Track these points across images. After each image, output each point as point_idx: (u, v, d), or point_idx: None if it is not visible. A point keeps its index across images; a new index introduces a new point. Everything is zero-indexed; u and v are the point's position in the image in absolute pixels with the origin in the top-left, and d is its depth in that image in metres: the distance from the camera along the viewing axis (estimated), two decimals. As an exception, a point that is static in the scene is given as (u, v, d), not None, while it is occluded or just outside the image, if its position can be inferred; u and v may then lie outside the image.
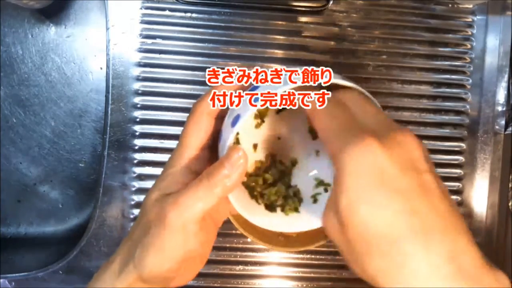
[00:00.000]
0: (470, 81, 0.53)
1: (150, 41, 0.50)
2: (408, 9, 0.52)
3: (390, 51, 0.52)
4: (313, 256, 0.51)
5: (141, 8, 0.50)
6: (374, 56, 0.52)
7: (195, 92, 0.50)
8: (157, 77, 0.50)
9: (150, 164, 0.50)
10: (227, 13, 0.51)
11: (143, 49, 0.50)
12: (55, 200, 0.57)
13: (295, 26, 0.51)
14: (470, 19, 0.53)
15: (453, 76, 0.53)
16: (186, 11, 0.50)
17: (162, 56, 0.50)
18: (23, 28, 0.54)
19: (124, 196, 0.50)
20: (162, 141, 0.50)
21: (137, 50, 0.50)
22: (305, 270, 0.51)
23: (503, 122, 0.53)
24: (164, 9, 0.50)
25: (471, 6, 0.53)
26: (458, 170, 0.53)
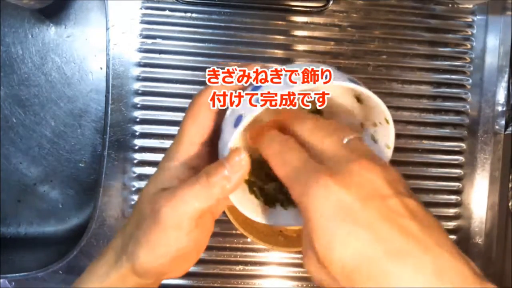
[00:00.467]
0: (470, 81, 0.53)
1: (150, 41, 0.50)
2: (408, 9, 0.52)
3: (390, 51, 0.52)
4: (313, 256, 0.51)
5: (141, 8, 0.50)
6: (374, 56, 0.52)
7: (195, 92, 0.50)
8: (157, 77, 0.50)
9: (150, 164, 0.50)
10: (227, 13, 0.51)
11: (143, 49, 0.50)
12: (55, 200, 0.56)
13: (295, 26, 0.51)
14: (470, 19, 0.53)
15: (453, 76, 0.53)
16: (186, 11, 0.50)
17: (162, 56, 0.50)
18: (23, 28, 0.54)
19: (124, 196, 0.50)
20: (162, 141, 0.50)
21: (137, 50, 0.50)
22: (305, 270, 0.51)
23: (503, 122, 0.53)
24: (164, 9, 0.50)
25: (471, 6, 0.53)
26: (458, 170, 0.53)
